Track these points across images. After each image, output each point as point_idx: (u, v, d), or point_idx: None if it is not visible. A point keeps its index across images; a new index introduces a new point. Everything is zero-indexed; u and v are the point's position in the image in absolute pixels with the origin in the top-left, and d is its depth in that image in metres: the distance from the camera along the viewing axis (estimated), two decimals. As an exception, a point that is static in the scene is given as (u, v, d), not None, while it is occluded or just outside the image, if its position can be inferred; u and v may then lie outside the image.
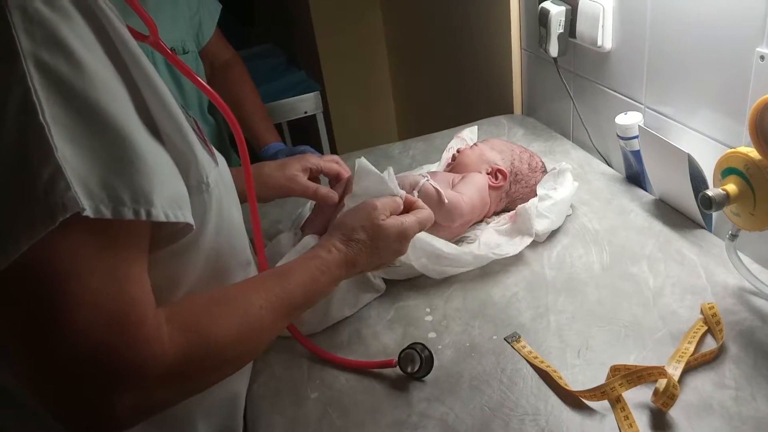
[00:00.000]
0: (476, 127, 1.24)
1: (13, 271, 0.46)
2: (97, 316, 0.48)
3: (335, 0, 2.29)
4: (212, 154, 0.64)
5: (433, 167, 1.18)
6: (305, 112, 1.90)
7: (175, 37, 1.24)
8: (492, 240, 0.95)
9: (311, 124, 1.95)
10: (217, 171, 0.63)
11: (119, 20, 0.55)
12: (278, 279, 0.66)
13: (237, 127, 0.71)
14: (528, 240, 0.92)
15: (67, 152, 0.47)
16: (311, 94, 1.91)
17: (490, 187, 1.01)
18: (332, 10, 2.31)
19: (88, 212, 0.47)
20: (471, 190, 0.97)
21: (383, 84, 2.54)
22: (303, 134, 2.13)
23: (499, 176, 1.02)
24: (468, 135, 1.19)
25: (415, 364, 0.73)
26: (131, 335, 0.50)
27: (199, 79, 0.70)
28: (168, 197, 0.53)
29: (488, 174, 1.02)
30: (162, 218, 0.51)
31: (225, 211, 0.65)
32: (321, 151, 1.46)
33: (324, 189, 0.93)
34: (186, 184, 0.57)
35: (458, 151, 1.09)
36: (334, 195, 0.92)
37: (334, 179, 0.97)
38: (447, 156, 1.15)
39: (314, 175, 0.96)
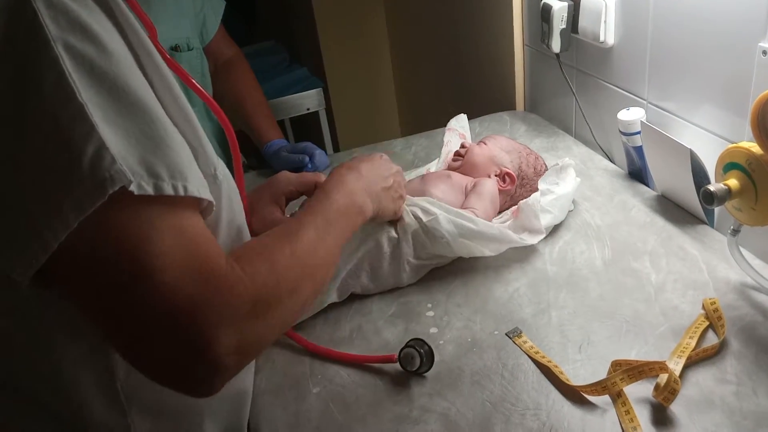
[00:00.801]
0: (464, 114, 1.23)
1: (82, 249, 0.48)
2: (179, 270, 0.50)
3: (338, -3, 2.30)
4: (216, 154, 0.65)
5: (432, 166, 1.16)
6: (308, 109, 1.90)
7: (180, 34, 1.24)
8: None
9: (314, 120, 1.96)
10: (223, 165, 0.64)
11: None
12: (299, 216, 0.69)
13: (231, 132, 0.72)
14: (539, 236, 0.92)
15: (106, 131, 0.48)
16: (314, 91, 1.91)
17: (498, 190, 1.01)
18: (335, 6, 2.31)
19: (133, 188, 0.47)
20: (485, 203, 0.96)
21: (386, 80, 2.54)
22: (305, 131, 2.13)
23: (507, 180, 1.02)
24: (456, 124, 1.18)
25: (415, 362, 0.73)
26: (215, 280, 0.52)
27: (196, 83, 0.71)
28: (196, 175, 0.54)
29: (497, 176, 1.02)
30: (197, 194, 0.52)
31: (235, 205, 0.66)
32: (324, 148, 1.47)
33: None
34: None
35: (463, 146, 1.08)
36: None
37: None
38: (446, 151, 1.13)
39: (294, 196, 0.91)
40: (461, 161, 1.06)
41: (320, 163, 1.23)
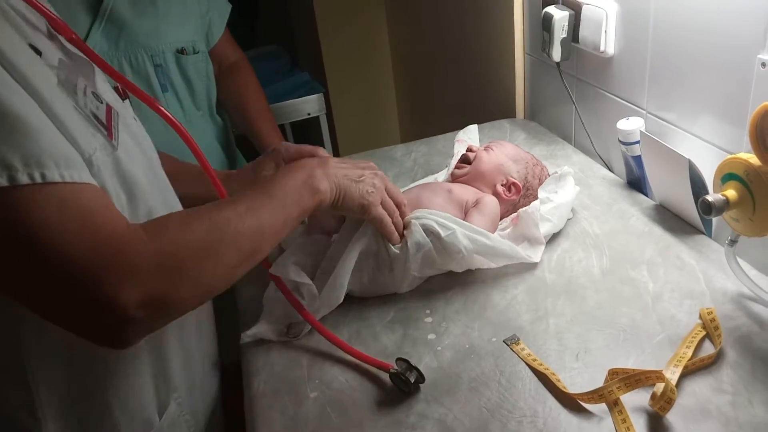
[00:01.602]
0: (475, 126, 1.23)
1: None
2: (70, 237, 0.53)
3: (339, 2, 2.31)
4: (111, 138, 0.64)
5: (441, 176, 1.15)
6: (308, 114, 1.91)
7: (186, 37, 1.25)
8: None
9: (314, 125, 1.96)
10: (113, 158, 0.63)
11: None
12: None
13: (188, 136, 0.73)
14: (541, 248, 0.92)
15: None
16: (314, 96, 1.92)
17: (501, 199, 1.00)
18: (336, 12, 2.32)
19: None
20: (486, 222, 0.94)
21: (386, 86, 2.55)
22: (306, 136, 2.14)
23: (513, 190, 1.01)
24: (464, 136, 1.18)
25: (406, 386, 0.73)
26: (112, 242, 0.55)
27: (132, 82, 0.72)
28: (63, 158, 0.54)
29: (502, 185, 1.02)
30: (57, 179, 0.53)
31: (136, 192, 0.66)
32: (324, 153, 1.47)
33: None
34: None
35: (471, 150, 1.06)
36: None
37: None
38: (455, 162, 1.09)
39: None
40: (467, 169, 1.04)
41: None
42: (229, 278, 0.66)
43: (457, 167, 1.06)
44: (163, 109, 0.72)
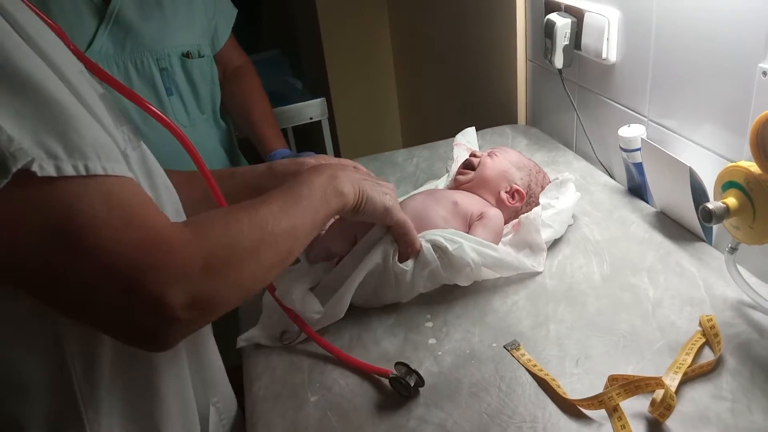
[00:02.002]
0: (473, 128, 1.23)
1: (17, 234, 0.48)
2: (115, 233, 0.50)
3: (342, 7, 2.32)
4: (136, 135, 0.63)
5: (441, 182, 1.15)
6: (310, 118, 1.92)
7: (192, 41, 1.26)
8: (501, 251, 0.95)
9: (316, 130, 1.97)
10: (140, 152, 0.63)
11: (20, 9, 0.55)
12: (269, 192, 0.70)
13: (186, 140, 0.72)
14: (543, 255, 0.92)
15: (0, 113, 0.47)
16: (317, 100, 1.92)
17: (504, 207, 1.00)
18: (339, 17, 2.33)
19: (35, 168, 0.47)
20: (490, 237, 0.93)
21: (389, 91, 2.55)
22: (308, 140, 2.15)
23: (516, 197, 1.01)
24: (463, 139, 1.18)
25: (406, 392, 0.73)
26: (158, 241, 0.53)
27: (129, 88, 0.71)
28: (103, 149, 0.52)
29: (506, 192, 1.02)
30: (100, 171, 0.51)
31: (161, 195, 0.66)
32: (325, 157, 1.47)
33: None
34: None
35: (474, 156, 1.06)
36: None
37: None
38: (456, 170, 1.09)
39: None
40: (472, 175, 1.03)
41: None
42: (266, 279, 0.65)
43: (460, 173, 1.05)
44: (158, 112, 0.72)
